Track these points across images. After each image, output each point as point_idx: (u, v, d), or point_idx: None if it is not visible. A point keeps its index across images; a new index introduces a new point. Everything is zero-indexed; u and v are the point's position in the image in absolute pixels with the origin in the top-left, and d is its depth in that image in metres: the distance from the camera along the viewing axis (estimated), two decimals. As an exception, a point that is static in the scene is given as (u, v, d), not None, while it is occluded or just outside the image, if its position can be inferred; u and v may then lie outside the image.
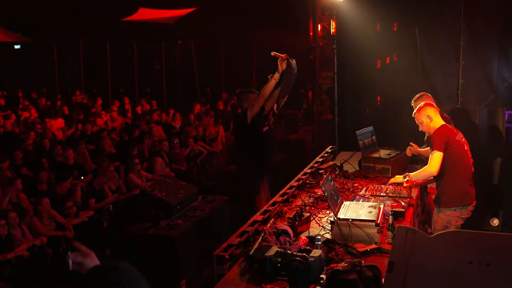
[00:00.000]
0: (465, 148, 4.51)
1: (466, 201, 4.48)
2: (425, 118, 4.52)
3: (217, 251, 3.23)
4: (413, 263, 2.23)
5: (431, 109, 4.54)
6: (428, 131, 4.56)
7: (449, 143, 4.39)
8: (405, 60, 7.36)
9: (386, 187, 4.70)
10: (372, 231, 3.49)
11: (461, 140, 4.50)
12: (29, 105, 13.24)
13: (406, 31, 7.26)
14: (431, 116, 4.51)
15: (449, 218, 4.44)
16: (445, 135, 4.40)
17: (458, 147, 4.44)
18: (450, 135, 4.43)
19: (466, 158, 4.50)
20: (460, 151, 4.45)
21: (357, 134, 5.58)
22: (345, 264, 2.87)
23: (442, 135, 4.39)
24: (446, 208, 4.47)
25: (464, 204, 4.47)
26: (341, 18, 8.00)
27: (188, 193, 5.47)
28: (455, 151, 4.41)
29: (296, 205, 4.39)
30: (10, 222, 5.85)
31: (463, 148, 4.48)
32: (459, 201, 4.46)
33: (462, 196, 4.47)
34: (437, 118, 4.54)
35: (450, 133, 4.44)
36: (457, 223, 4.44)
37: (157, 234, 4.77)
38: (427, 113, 4.51)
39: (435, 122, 4.51)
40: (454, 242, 2.26)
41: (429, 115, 4.50)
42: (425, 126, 4.55)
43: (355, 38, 7.57)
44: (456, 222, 4.44)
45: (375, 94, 7.89)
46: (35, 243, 5.90)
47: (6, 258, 5.56)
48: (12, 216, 5.88)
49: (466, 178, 4.50)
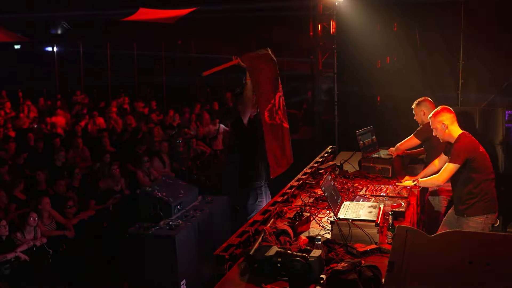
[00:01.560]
0: (488, 157, 4.35)
1: (494, 207, 4.39)
2: (440, 125, 4.33)
3: (217, 251, 3.23)
4: (413, 263, 2.23)
5: (447, 116, 4.32)
6: (443, 138, 4.39)
7: (473, 158, 4.21)
8: (405, 60, 7.37)
9: (386, 187, 4.71)
10: (372, 231, 3.49)
11: (484, 150, 4.32)
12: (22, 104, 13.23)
13: (406, 31, 7.27)
14: (447, 124, 4.30)
15: (483, 226, 4.30)
16: (470, 150, 4.21)
17: (483, 158, 4.28)
18: (474, 148, 4.25)
19: (490, 167, 4.37)
20: (485, 162, 4.31)
21: (357, 134, 5.58)
22: (345, 264, 2.87)
23: (466, 150, 4.20)
24: (476, 216, 4.33)
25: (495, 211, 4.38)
26: (341, 18, 8.00)
27: (188, 193, 5.47)
28: (481, 164, 4.25)
29: (296, 205, 4.39)
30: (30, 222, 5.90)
31: (487, 157, 4.33)
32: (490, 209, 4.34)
33: (493, 204, 4.36)
34: (454, 126, 4.33)
35: (474, 146, 4.26)
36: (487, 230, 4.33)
37: (157, 234, 4.76)
38: (442, 120, 4.31)
39: (451, 130, 4.31)
40: (454, 242, 2.26)
41: (444, 122, 4.31)
42: (440, 133, 4.37)
43: (355, 38, 7.58)
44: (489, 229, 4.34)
45: (375, 94, 7.89)
46: (35, 243, 5.91)
47: (6, 258, 5.56)
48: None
49: (492, 186, 4.38)
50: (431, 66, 7.27)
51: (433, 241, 2.29)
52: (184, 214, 5.17)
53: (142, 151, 8.84)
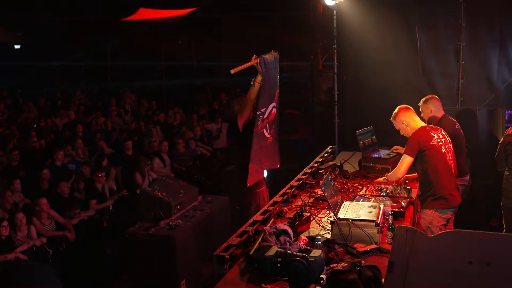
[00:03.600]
0: (443, 151, 4.41)
1: (447, 205, 4.43)
2: (401, 124, 4.58)
3: (217, 251, 3.23)
4: (413, 263, 2.23)
5: (406, 114, 4.57)
6: (408, 136, 4.58)
7: (423, 149, 4.36)
8: (405, 60, 7.37)
9: (386, 187, 4.71)
10: (372, 231, 3.49)
11: (437, 144, 4.40)
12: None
13: (406, 31, 7.27)
14: (407, 121, 4.54)
15: (431, 218, 4.42)
16: (418, 141, 4.38)
17: (435, 152, 4.38)
18: (424, 140, 4.38)
19: (444, 162, 4.42)
20: (438, 156, 4.39)
21: (357, 134, 5.58)
22: (345, 264, 2.87)
23: (415, 141, 4.40)
24: (427, 209, 4.46)
25: (445, 208, 4.42)
26: (341, 18, 8.00)
27: (188, 193, 5.46)
28: (431, 156, 4.37)
29: (296, 205, 4.39)
30: (17, 223, 5.88)
31: (440, 151, 4.40)
32: (440, 205, 4.41)
33: (443, 201, 4.41)
34: (414, 122, 4.54)
35: (424, 138, 4.40)
36: (439, 223, 4.41)
37: (157, 234, 4.76)
38: (401, 120, 4.56)
39: (412, 126, 4.53)
40: (454, 242, 2.26)
41: (403, 121, 4.55)
42: (403, 132, 4.60)
43: (355, 38, 7.58)
44: (438, 222, 4.41)
45: (375, 94, 7.89)
46: (35, 243, 5.91)
47: (7, 258, 5.56)
48: (19, 217, 5.91)
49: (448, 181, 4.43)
50: (431, 66, 7.26)
51: (433, 241, 2.29)
52: (184, 214, 5.17)
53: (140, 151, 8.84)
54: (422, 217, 4.52)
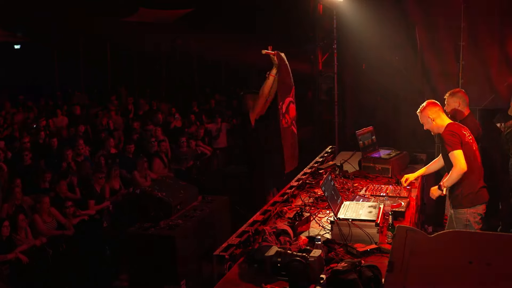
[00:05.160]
0: (474, 149, 4.46)
1: (477, 201, 4.44)
2: (426, 119, 4.50)
3: (217, 251, 3.23)
4: (413, 263, 2.23)
5: (433, 109, 4.49)
6: (432, 131, 4.54)
7: (462, 143, 4.33)
8: (405, 60, 7.36)
9: (386, 187, 4.71)
10: (372, 231, 3.49)
11: (469, 141, 4.44)
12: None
13: (406, 31, 7.26)
14: (433, 117, 4.47)
15: (467, 216, 4.40)
16: (456, 133, 4.34)
17: (469, 148, 4.39)
18: (461, 135, 4.37)
19: (475, 159, 4.45)
20: (470, 152, 4.40)
21: (357, 134, 5.58)
22: (345, 264, 2.86)
23: (454, 134, 4.33)
24: (459, 209, 4.44)
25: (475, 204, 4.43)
26: (341, 18, 7.99)
27: (188, 193, 5.47)
28: (465, 153, 4.33)
29: (296, 205, 4.38)
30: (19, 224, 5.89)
31: (472, 148, 4.44)
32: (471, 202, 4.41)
33: (475, 197, 4.42)
34: (440, 118, 4.48)
35: (460, 133, 4.38)
36: (475, 219, 4.40)
37: (157, 234, 4.77)
38: (428, 115, 4.49)
39: (438, 123, 4.46)
40: (454, 242, 2.26)
41: (429, 116, 4.47)
42: (428, 126, 4.53)
43: (355, 38, 7.57)
44: (474, 218, 4.41)
45: (375, 94, 7.89)
46: (35, 244, 5.91)
47: (7, 258, 5.56)
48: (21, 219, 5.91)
49: (478, 178, 4.45)
50: (431, 66, 7.26)
51: (433, 241, 2.29)
52: (184, 214, 5.18)
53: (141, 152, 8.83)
54: (457, 217, 4.46)
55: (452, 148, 4.29)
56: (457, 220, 4.47)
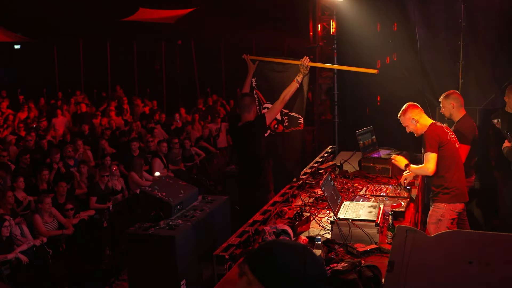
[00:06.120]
0: (456, 147, 4.58)
1: (458, 199, 4.55)
2: (409, 121, 4.58)
3: (217, 251, 3.23)
4: (413, 263, 2.23)
5: (415, 111, 4.58)
6: (416, 132, 4.61)
7: (442, 143, 4.43)
8: (405, 60, 7.35)
9: (386, 187, 4.71)
10: (372, 231, 3.49)
11: (452, 139, 4.54)
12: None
13: (406, 31, 7.25)
14: (417, 118, 4.55)
15: (443, 211, 4.52)
16: (437, 135, 4.43)
17: (451, 147, 4.50)
18: (441, 134, 4.46)
19: (459, 156, 4.59)
20: (453, 150, 4.52)
21: (357, 134, 5.58)
22: (345, 264, 2.87)
23: (434, 136, 4.42)
24: (439, 203, 4.56)
25: (456, 202, 4.55)
26: (341, 18, 7.99)
27: (188, 193, 5.46)
28: (447, 151, 4.46)
29: (296, 205, 4.38)
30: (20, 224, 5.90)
31: (455, 147, 4.55)
32: (452, 199, 4.53)
33: (455, 194, 4.53)
34: (423, 119, 4.57)
35: (441, 133, 4.47)
36: (450, 216, 4.50)
37: (157, 234, 4.76)
38: (411, 117, 4.56)
39: (422, 123, 4.54)
40: (454, 242, 2.25)
41: (413, 118, 4.55)
42: (412, 128, 4.61)
43: (355, 38, 7.56)
44: (450, 215, 4.50)
45: (375, 94, 7.88)
46: (35, 243, 5.91)
47: (7, 258, 5.56)
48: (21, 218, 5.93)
49: (461, 176, 4.58)
50: (431, 66, 7.25)
51: (433, 241, 2.29)
52: (184, 214, 5.17)
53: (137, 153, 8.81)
54: (434, 210, 4.58)
55: (429, 149, 4.40)
56: (432, 214, 4.59)
